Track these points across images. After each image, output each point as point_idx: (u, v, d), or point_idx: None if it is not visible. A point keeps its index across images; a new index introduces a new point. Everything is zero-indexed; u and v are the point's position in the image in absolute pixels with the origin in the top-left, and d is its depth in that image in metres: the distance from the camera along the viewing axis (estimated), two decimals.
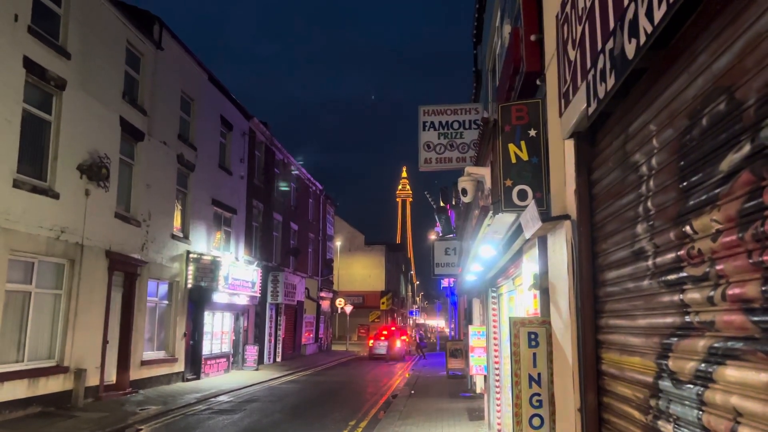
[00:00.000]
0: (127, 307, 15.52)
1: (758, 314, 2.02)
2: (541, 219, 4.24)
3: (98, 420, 11.38)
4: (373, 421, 12.27)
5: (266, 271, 26.30)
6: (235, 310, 23.13)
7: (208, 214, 20.83)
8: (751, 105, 2.05)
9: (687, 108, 2.54)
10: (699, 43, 2.42)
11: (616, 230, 3.47)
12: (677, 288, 2.67)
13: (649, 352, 2.96)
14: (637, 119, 3.10)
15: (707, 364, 2.36)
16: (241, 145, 24.17)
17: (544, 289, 5.08)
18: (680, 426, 2.59)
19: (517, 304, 7.83)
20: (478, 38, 15.39)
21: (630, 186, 3.23)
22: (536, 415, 4.78)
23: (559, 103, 4.25)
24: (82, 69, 13.65)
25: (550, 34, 4.71)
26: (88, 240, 13.63)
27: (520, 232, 5.39)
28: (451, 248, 19.89)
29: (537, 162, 5.11)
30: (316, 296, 36.17)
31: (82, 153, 13.56)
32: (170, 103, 18.10)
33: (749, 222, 2.06)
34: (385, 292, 59.22)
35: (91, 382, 13.50)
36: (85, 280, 13.46)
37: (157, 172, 17.08)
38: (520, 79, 5.87)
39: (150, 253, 16.58)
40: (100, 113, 14.33)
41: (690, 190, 2.53)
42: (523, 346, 4.86)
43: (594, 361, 3.82)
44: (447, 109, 13.97)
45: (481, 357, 11.54)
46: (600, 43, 3.18)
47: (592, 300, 3.87)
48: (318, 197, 37.76)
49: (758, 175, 2.00)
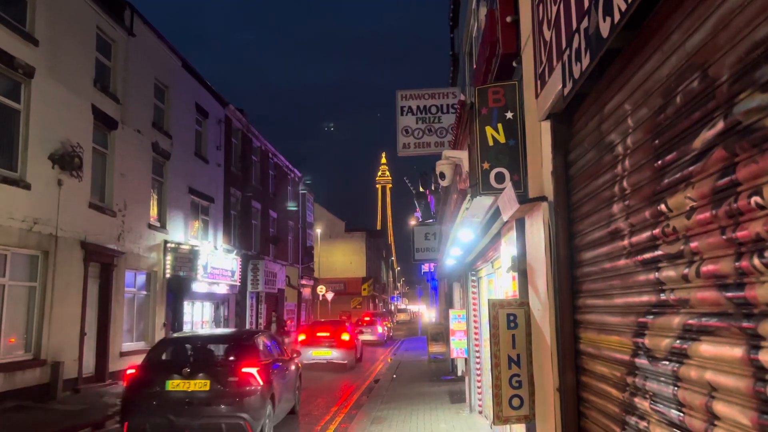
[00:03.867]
0: (105, 298, 15.32)
1: (731, 290, 2.04)
2: (518, 201, 4.25)
3: (77, 412, 11.26)
4: (355, 406, 12.32)
5: (246, 260, 26.15)
6: (215, 300, 22.99)
7: (185, 203, 20.59)
8: (724, 81, 2.05)
9: (661, 87, 2.55)
10: (672, 21, 2.41)
11: (593, 210, 3.49)
12: (653, 266, 2.69)
13: (626, 331, 2.99)
14: (612, 99, 3.11)
15: (682, 340, 2.39)
16: (218, 133, 23.87)
17: (522, 271, 5.11)
18: (656, 402, 2.63)
19: (497, 287, 7.89)
20: (455, 22, 15.34)
21: (606, 166, 3.24)
22: (516, 396, 4.82)
23: (536, 85, 4.25)
24: (51, 56, 13.31)
25: (525, 15, 4.69)
26: (63, 231, 13.39)
27: (498, 215, 5.40)
28: (431, 233, 19.98)
29: (514, 144, 5.11)
30: (297, 284, 36.09)
31: (54, 142, 13.26)
32: (144, 90, 17.77)
33: (722, 199, 2.07)
34: (366, 279, 59.40)
35: (69, 374, 13.32)
36: (60, 271, 13.23)
37: (131, 161, 16.79)
38: (496, 62, 5.86)
39: (127, 243, 16.35)
40: (71, 101, 14.01)
41: (664, 168, 2.54)
42: (503, 328, 4.89)
43: (572, 341, 3.85)
44: (425, 94, 13.96)
45: (461, 340, 11.62)
46: (575, 22, 3.16)
47: (569, 280, 3.90)
48: (297, 184, 37.55)
49: (731, 151, 2.01)
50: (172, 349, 9.73)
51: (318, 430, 10.12)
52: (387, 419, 10.43)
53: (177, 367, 8.59)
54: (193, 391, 8.29)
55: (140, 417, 8.31)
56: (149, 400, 8.34)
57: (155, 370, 8.79)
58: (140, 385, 8.55)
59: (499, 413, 4.83)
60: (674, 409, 2.45)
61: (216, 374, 8.50)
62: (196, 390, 8.30)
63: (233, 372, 8.57)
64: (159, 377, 8.51)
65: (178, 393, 8.28)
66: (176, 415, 8.15)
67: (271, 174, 31.95)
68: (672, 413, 2.46)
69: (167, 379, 8.41)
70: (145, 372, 8.77)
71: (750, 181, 1.92)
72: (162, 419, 8.17)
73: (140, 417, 8.31)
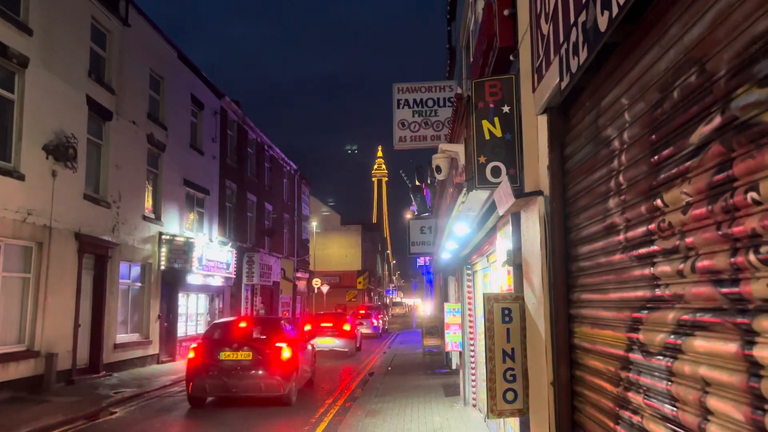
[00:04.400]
0: (99, 290, 15.29)
1: (726, 285, 2.04)
2: (514, 195, 4.24)
3: (71, 404, 11.25)
4: (350, 398, 12.34)
5: (241, 252, 26.12)
6: (210, 292, 22.97)
7: (180, 195, 20.53)
8: (722, 76, 2.04)
9: (658, 81, 2.54)
10: (671, 15, 2.40)
11: (588, 205, 3.48)
12: (648, 261, 2.69)
13: (620, 325, 2.99)
14: (609, 93, 3.09)
15: (676, 335, 2.39)
16: (213, 125, 23.79)
17: (517, 265, 5.11)
18: (650, 397, 2.63)
19: (492, 281, 7.90)
20: (452, 15, 15.29)
21: (602, 161, 3.24)
22: (510, 390, 4.83)
23: (533, 79, 4.23)
24: (46, 46, 13.21)
25: (523, 8, 4.67)
26: (57, 222, 13.34)
27: (493, 209, 5.39)
28: (427, 227, 19.96)
29: (510, 138, 5.10)
30: (293, 277, 36.09)
31: (48, 133, 13.18)
32: (139, 81, 17.67)
33: (719, 194, 2.07)
34: (361, 272, 59.46)
35: (63, 366, 13.30)
36: (54, 263, 13.19)
37: (126, 153, 16.73)
38: (493, 55, 5.83)
39: (121, 234, 16.30)
40: (66, 92, 13.92)
41: (661, 163, 2.53)
42: (497, 322, 4.89)
43: (566, 335, 3.86)
44: (421, 87, 13.91)
45: (456, 333, 11.65)
46: (573, 16, 3.15)
47: (564, 275, 3.90)
48: (293, 177, 37.47)
49: (728, 146, 2.01)
50: (222, 330, 12.52)
51: (313, 422, 10.14)
52: (381, 412, 10.46)
53: (227, 343, 11.46)
54: (240, 360, 11.10)
55: (201, 379, 11.10)
56: (207, 366, 11.11)
57: (211, 345, 11.57)
58: (200, 356, 11.31)
59: (493, 407, 4.84)
60: (668, 403, 2.45)
61: (256, 347, 11.38)
62: (242, 359, 11.12)
63: (269, 346, 11.47)
64: (214, 350, 11.30)
65: (229, 361, 11.08)
66: (227, 377, 10.98)
67: (267, 166, 31.87)
68: (665, 408, 2.47)
69: (220, 351, 11.21)
70: (204, 346, 11.57)
71: (746, 176, 1.91)
72: (217, 380, 11.01)
73: (201, 379, 11.10)
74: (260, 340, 11.90)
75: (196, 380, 11.14)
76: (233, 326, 12.55)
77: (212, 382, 11.03)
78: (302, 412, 11.01)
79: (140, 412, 11.13)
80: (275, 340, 11.64)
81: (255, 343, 11.64)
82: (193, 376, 11.21)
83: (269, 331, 12.35)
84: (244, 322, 12.93)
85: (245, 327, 12.44)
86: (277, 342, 11.52)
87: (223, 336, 12.05)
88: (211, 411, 11.19)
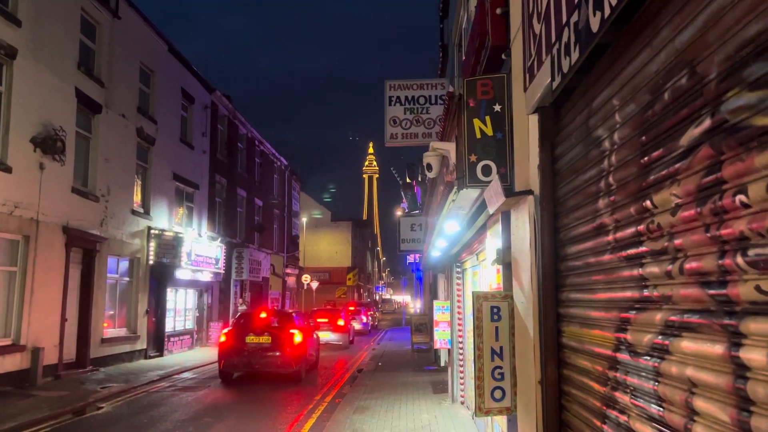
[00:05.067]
0: (87, 284, 15.17)
1: (714, 287, 2.05)
2: (504, 194, 4.24)
3: (57, 399, 11.17)
4: (338, 395, 12.34)
5: (230, 248, 26.02)
6: (198, 287, 22.87)
7: (170, 190, 20.41)
8: (712, 79, 2.05)
9: (649, 83, 2.54)
10: (662, 17, 2.41)
11: (578, 205, 3.50)
12: (636, 262, 2.70)
13: (608, 325, 3.01)
14: (601, 94, 3.10)
15: (664, 336, 2.40)
16: (203, 119, 23.65)
17: (506, 264, 5.12)
18: (637, 397, 2.65)
19: (481, 279, 7.91)
20: (445, 12, 15.27)
21: (592, 161, 3.24)
22: (498, 388, 4.85)
23: (524, 78, 4.23)
24: (34, 37, 13.07)
25: (515, 8, 4.67)
26: (44, 216, 13.21)
27: (484, 208, 5.40)
28: (417, 224, 19.96)
29: (501, 137, 5.11)
30: (282, 272, 36.01)
31: (36, 125, 13.05)
32: (129, 74, 17.53)
33: (708, 196, 2.08)
34: (351, 268, 59.39)
35: (50, 360, 13.20)
36: (41, 256, 13.07)
37: (115, 146, 16.59)
38: (485, 54, 5.83)
39: (110, 229, 16.19)
40: (54, 84, 13.78)
41: (651, 164, 2.54)
42: (486, 320, 4.91)
43: (555, 334, 3.87)
44: (413, 84, 13.90)
45: (445, 331, 11.66)
46: (565, 16, 3.15)
47: (553, 274, 3.91)
48: (283, 173, 37.35)
49: (717, 149, 2.02)
50: (246, 319, 15.33)
51: (301, 418, 10.13)
52: (370, 409, 10.47)
53: (251, 329, 14.29)
54: (261, 343, 13.93)
55: (230, 358, 13.92)
56: (236, 348, 13.90)
57: (238, 331, 14.34)
58: (230, 340, 14.13)
59: (481, 404, 4.86)
60: (654, 404, 2.47)
61: (274, 333, 14.20)
62: (263, 342, 13.95)
63: (284, 332, 14.31)
64: (241, 335, 14.10)
65: (253, 344, 13.91)
66: (251, 356, 13.80)
67: (257, 162, 31.75)
68: (652, 408, 2.48)
69: (246, 336, 14.04)
70: (233, 332, 14.41)
71: (735, 179, 1.92)
72: (243, 359, 13.85)
73: (230, 358, 13.92)
74: (277, 327, 14.60)
75: (226, 359, 13.92)
76: (255, 316, 15.31)
77: (239, 360, 13.86)
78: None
79: (127, 408, 11.07)
80: (289, 327, 14.55)
81: (273, 330, 14.37)
82: (224, 355, 13.98)
83: (284, 321, 15.22)
84: (264, 313, 15.66)
85: (265, 317, 15.19)
86: (291, 329, 14.40)
87: (248, 324, 14.75)
88: (211, 403, 11.16)
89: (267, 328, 14.35)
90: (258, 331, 14.13)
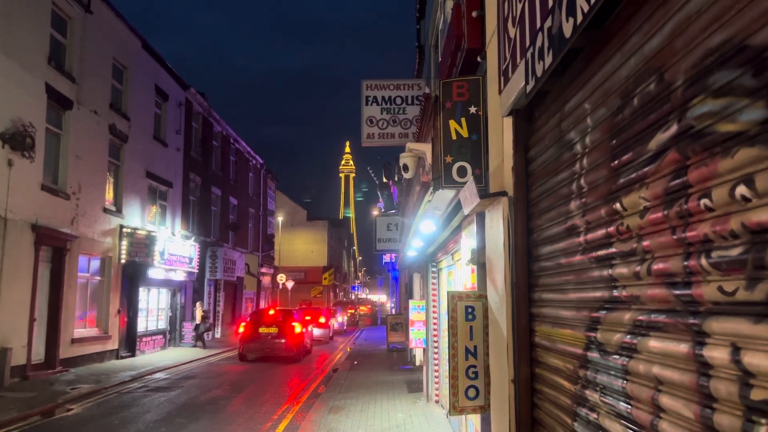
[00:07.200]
0: (56, 283, 14.89)
1: (680, 288, 2.11)
2: (479, 195, 4.29)
3: (26, 400, 10.95)
4: (312, 395, 12.32)
5: (204, 247, 25.75)
6: (171, 286, 22.60)
7: (143, 188, 20.13)
8: (679, 86, 2.11)
9: (620, 88, 2.60)
10: (632, 24, 2.47)
11: (551, 207, 3.55)
12: (606, 263, 2.76)
13: (579, 325, 3.06)
14: (573, 98, 3.16)
15: (632, 335, 2.46)
16: (177, 116, 23.36)
17: (481, 264, 5.18)
18: (606, 395, 2.71)
19: (456, 279, 7.98)
20: (422, 13, 15.32)
21: (565, 164, 3.30)
22: (472, 386, 4.90)
23: (499, 81, 4.28)
24: (3, 31, 12.78)
25: (491, 11, 4.72)
26: (12, 213, 12.93)
27: (459, 209, 5.45)
28: (394, 224, 20.01)
29: (477, 139, 5.16)
30: (257, 272, 35.75)
31: (4, 121, 12.76)
32: (101, 70, 17.24)
33: (674, 200, 2.14)
34: (327, 268, 59.17)
35: (18, 361, 12.92)
36: (9, 255, 12.79)
37: (87, 143, 16.31)
38: (461, 56, 5.88)
39: (80, 227, 15.90)
40: (24, 79, 13.49)
41: (620, 168, 2.60)
42: (461, 320, 4.95)
43: (527, 333, 3.93)
44: (390, 84, 13.91)
45: (420, 330, 11.74)
46: (539, 21, 3.20)
47: (526, 274, 3.97)
48: (258, 171, 37.08)
49: (684, 154, 2.08)
50: (258, 314, 20.61)
51: (276, 419, 10.08)
52: (345, 408, 10.47)
53: (263, 322, 19.21)
54: (270, 332, 18.77)
55: (247, 344, 18.77)
56: (251, 336, 18.79)
57: (254, 323, 19.26)
58: (248, 330, 19.01)
59: (456, 403, 4.91)
60: (623, 401, 2.53)
61: (280, 325, 19.00)
62: (272, 332, 18.79)
63: (287, 324, 19.06)
64: (256, 326, 19.04)
65: (264, 333, 18.74)
66: (263, 343, 18.65)
67: (232, 160, 31.48)
68: (621, 405, 2.55)
69: (259, 327, 18.95)
70: (250, 324, 19.27)
71: (700, 183, 1.98)
72: (257, 345, 18.67)
73: (247, 344, 18.77)
74: (281, 321, 19.23)
75: (244, 345, 18.79)
76: (265, 312, 20.84)
77: (254, 345, 18.64)
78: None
79: (98, 409, 10.90)
80: (290, 320, 19.21)
81: (279, 323, 19.09)
82: (243, 342, 18.88)
83: (287, 316, 19.84)
84: (272, 310, 21.57)
85: (273, 314, 20.29)
86: (293, 322, 19.12)
87: (260, 318, 19.77)
88: (183, 403, 11.03)
89: (274, 322, 19.07)
90: (268, 323, 18.96)
